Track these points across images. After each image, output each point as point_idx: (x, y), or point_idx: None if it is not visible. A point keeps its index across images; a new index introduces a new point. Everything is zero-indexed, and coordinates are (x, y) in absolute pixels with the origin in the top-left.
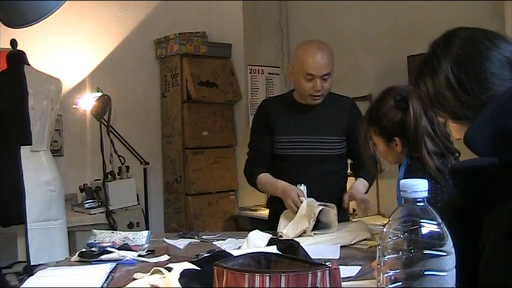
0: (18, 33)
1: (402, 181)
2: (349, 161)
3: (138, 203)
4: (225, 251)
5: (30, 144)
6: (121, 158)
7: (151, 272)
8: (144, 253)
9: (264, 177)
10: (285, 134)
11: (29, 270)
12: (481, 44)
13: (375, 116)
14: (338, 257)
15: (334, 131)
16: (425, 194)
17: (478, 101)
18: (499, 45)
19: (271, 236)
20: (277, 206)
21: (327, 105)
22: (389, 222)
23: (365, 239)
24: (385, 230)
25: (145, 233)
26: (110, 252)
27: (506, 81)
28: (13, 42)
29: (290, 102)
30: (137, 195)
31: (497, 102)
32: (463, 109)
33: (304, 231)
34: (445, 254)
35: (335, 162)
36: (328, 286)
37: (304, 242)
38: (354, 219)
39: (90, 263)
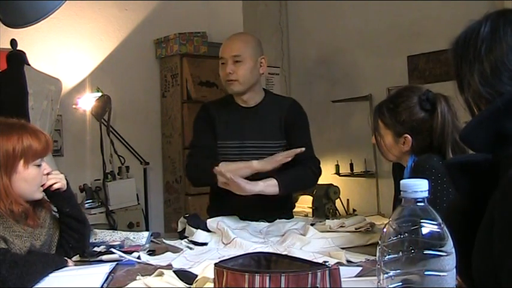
0: (18, 33)
1: (402, 181)
2: None
3: (138, 203)
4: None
5: None
6: (121, 158)
7: (153, 273)
8: (144, 253)
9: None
10: (227, 139)
11: None
12: None
13: (393, 109)
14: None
15: (275, 135)
16: (426, 194)
17: None
18: None
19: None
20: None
21: (268, 107)
22: (390, 222)
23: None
24: (385, 230)
25: (145, 233)
26: (110, 252)
27: None
28: (13, 42)
29: (231, 105)
30: (137, 195)
31: (496, 104)
32: None
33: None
34: (445, 254)
35: (279, 167)
36: (328, 286)
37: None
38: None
39: (90, 263)
